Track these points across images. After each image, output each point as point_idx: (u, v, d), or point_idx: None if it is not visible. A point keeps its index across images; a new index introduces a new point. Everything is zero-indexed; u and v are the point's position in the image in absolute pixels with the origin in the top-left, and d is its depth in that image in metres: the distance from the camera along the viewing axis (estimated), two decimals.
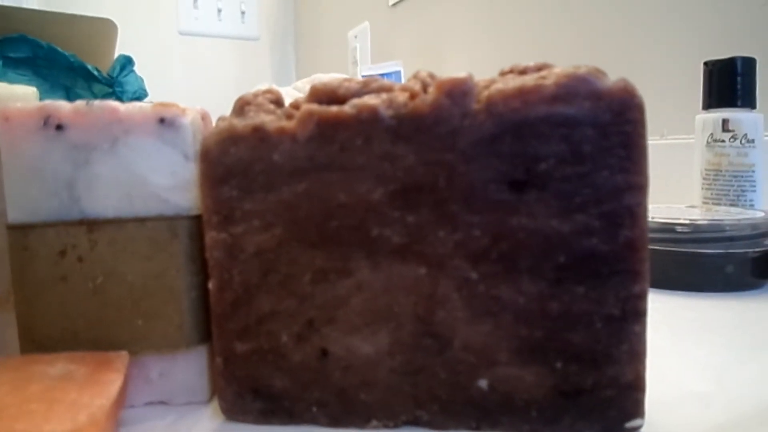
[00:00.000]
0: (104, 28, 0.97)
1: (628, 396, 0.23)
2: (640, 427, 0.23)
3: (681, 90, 0.69)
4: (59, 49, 0.87)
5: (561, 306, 0.23)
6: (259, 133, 0.23)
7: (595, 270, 0.22)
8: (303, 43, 1.93)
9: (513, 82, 0.22)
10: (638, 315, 0.22)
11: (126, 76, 0.98)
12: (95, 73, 0.90)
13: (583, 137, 0.22)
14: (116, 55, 0.98)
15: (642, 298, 0.22)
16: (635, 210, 0.22)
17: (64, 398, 0.20)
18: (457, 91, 0.22)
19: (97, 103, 0.26)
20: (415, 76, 0.24)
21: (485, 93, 0.22)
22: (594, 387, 0.23)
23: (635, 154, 0.22)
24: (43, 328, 0.26)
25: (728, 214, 0.48)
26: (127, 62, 0.98)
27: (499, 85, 0.22)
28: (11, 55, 0.85)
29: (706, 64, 0.58)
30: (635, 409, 0.23)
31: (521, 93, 0.22)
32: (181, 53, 1.78)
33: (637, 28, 0.77)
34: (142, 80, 0.99)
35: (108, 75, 0.94)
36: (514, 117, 0.22)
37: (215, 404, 0.26)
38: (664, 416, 0.24)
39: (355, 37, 1.53)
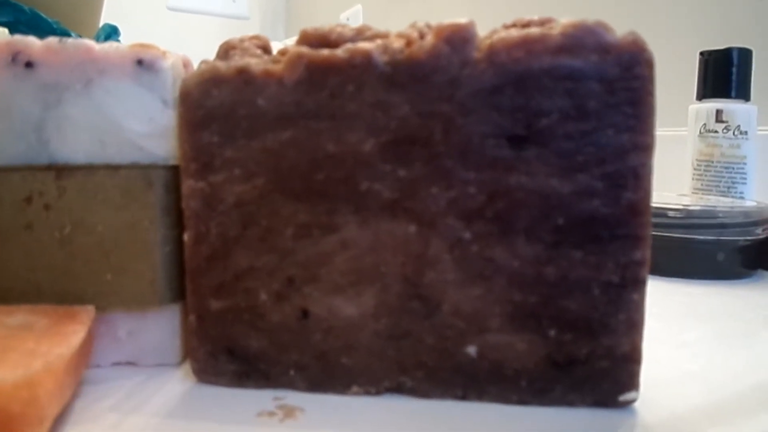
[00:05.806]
0: None
1: (624, 367, 0.21)
2: (634, 400, 0.22)
3: (672, 83, 0.68)
4: (42, 15, 0.84)
5: (557, 271, 0.21)
6: (243, 75, 0.22)
7: (594, 234, 0.21)
8: (294, 24, 1.90)
9: (517, 32, 0.21)
10: (638, 283, 0.21)
11: None
12: None
13: (589, 92, 0.21)
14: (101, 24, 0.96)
15: (642, 265, 0.21)
16: (640, 171, 0.21)
17: (19, 347, 0.18)
18: (457, 38, 0.21)
19: (70, 40, 0.24)
20: (412, 25, 0.23)
21: (487, 42, 0.21)
22: (588, 357, 0.22)
23: (642, 112, 0.21)
24: (5, 279, 0.24)
25: (720, 202, 0.47)
26: (112, 32, 0.95)
27: (502, 34, 0.21)
28: None
29: (702, 54, 0.58)
30: (630, 381, 0.22)
31: (525, 42, 0.21)
32: (169, 28, 1.74)
33: (633, 19, 0.76)
34: None
35: None
36: (517, 68, 0.21)
37: (187, 367, 0.24)
38: (653, 394, 0.23)
39: (348, 19, 1.50)
